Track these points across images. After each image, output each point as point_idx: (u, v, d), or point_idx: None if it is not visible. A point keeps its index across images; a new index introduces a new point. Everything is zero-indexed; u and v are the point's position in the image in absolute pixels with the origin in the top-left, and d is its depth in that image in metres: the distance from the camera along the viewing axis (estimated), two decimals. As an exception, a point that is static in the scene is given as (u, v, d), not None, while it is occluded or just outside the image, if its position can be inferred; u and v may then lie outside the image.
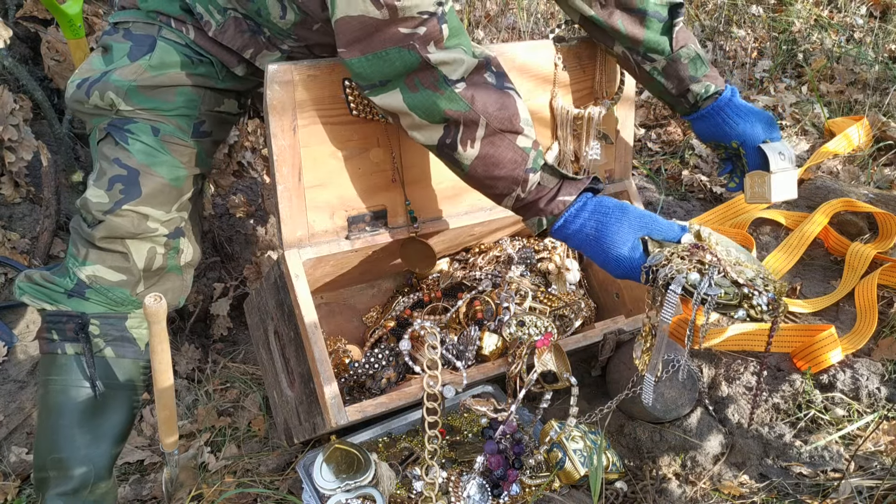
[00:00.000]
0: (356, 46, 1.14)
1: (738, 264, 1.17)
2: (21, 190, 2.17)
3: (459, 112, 1.17)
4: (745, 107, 1.51)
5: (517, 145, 1.21)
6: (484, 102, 1.18)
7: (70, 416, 1.40)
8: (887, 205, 2.03)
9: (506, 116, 1.20)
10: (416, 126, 1.20)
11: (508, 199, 1.25)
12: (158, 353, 1.29)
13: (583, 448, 1.46)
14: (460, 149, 1.20)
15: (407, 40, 1.13)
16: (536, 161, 1.23)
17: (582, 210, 1.23)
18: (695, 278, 1.14)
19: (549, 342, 1.43)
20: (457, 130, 1.19)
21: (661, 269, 1.16)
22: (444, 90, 1.16)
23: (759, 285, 1.15)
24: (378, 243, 1.45)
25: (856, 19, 3.35)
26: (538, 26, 3.30)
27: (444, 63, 1.15)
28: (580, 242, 1.24)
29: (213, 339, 2.15)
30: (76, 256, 1.41)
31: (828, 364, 1.63)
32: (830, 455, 1.46)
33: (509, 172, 1.21)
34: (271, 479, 1.61)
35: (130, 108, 1.36)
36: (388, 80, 1.17)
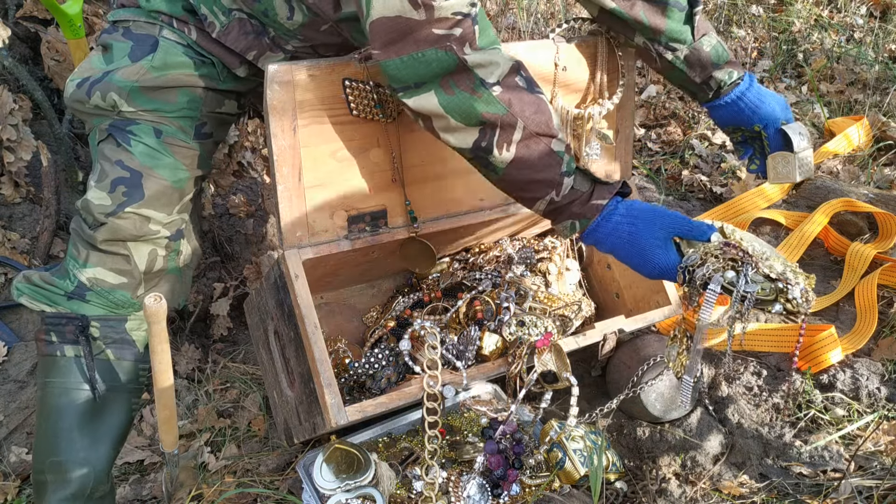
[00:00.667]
0: (392, 48, 1.13)
1: (766, 259, 1.19)
2: (21, 190, 2.17)
3: (497, 115, 1.17)
4: (764, 91, 1.54)
5: (552, 149, 1.21)
6: (521, 105, 1.18)
7: (69, 419, 1.40)
8: (887, 205, 2.03)
9: (543, 120, 1.20)
10: (450, 129, 1.19)
11: (541, 203, 1.24)
12: (158, 353, 1.29)
13: (583, 448, 1.46)
14: (496, 152, 1.19)
15: (443, 41, 1.12)
16: (570, 165, 1.23)
17: (614, 213, 1.23)
18: (732, 276, 1.16)
19: (549, 342, 1.43)
20: (493, 133, 1.18)
21: (698, 269, 1.17)
22: (481, 93, 1.15)
23: (791, 278, 1.17)
24: (378, 243, 1.45)
25: (856, 19, 3.35)
26: (538, 26, 3.29)
27: (481, 65, 1.15)
28: (613, 245, 1.24)
29: (213, 339, 2.15)
30: (76, 258, 1.40)
31: (828, 364, 1.63)
32: (830, 455, 1.46)
33: (544, 176, 1.21)
34: (271, 479, 1.61)
35: (133, 109, 1.35)
36: (423, 83, 1.15)
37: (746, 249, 1.18)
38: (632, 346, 1.63)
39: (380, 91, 1.34)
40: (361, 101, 1.34)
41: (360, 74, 1.32)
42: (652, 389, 1.54)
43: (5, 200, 2.15)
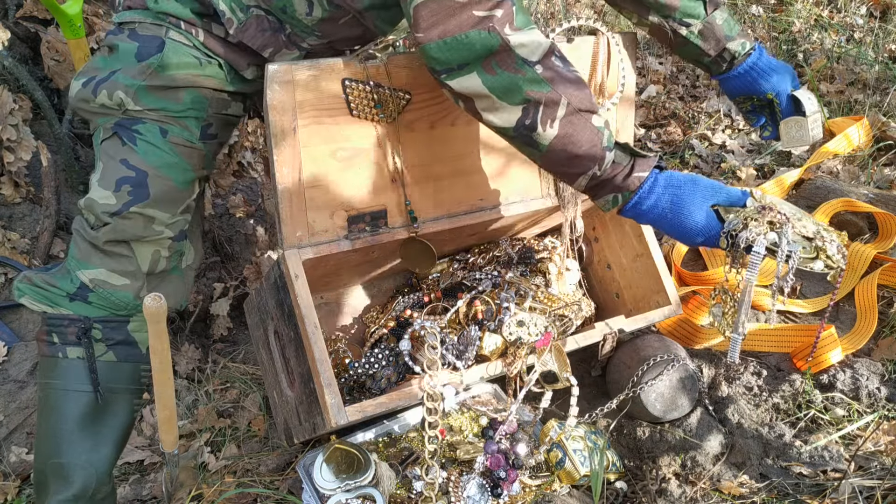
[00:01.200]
0: (434, 30, 1.14)
1: (799, 220, 1.24)
2: (21, 190, 2.17)
3: (541, 93, 1.18)
4: (773, 60, 1.59)
5: (593, 124, 1.22)
6: (563, 83, 1.20)
7: (71, 421, 1.39)
8: (887, 205, 2.03)
9: (584, 96, 1.22)
10: (493, 108, 1.20)
11: (584, 178, 1.26)
12: (158, 353, 1.29)
13: (583, 448, 1.46)
14: (540, 129, 1.20)
15: (486, 23, 1.13)
16: (610, 139, 1.25)
17: (655, 185, 1.25)
18: (774, 237, 1.21)
19: (549, 342, 1.43)
20: (536, 111, 1.19)
21: (741, 233, 1.22)
22: (525, 71, 1.17)
23: (826, 236, 1.22)
24: (378, 243, 1.45)
25: (856, 19, 3.35)
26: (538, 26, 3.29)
27: (523, 45, 1.16)
28: (656, 217, 1.26)
29: (213, 339, 2.15)
30: (78, 259, 1.40)
31: (828, 364, 1.63)
32: (830, 455, 1.46)
33: (587, 151, 1.22)
34: (271, 479, 1.61)
35: (139, 108, 1.35)
36: (465, 64, 1.16)
37: (783, 211, 1.23)
38: (632, 346, 1.63)
39: (380, 91, 1.34)
40: (361, 101, 1.34)
41: (360, 74, 1.32)
42: (652, 389, 1.54)
43: (5, 200, 2.15)
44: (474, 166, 1.52)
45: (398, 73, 1.35)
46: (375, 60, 1.32)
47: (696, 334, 1.78)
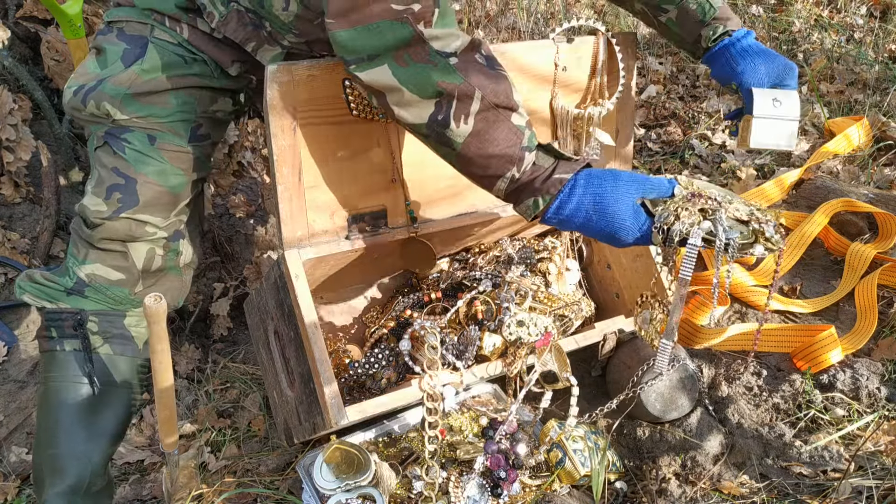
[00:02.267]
0: (346, 18, 1.10)
1: (731, 203, 1.16)
2: (21, 190, 2.17)
3: (454, 84, 1.12)
4: (753, 48, 1.49)
5: (512, 122, 1.16)
6: (478, 76, 1.14)
7: (68, 412, 1.41)
8: (887, 205, 2.03)
9: (502, 90, 1.15)
10: (404, 103, 1.14)
11: (502, 181, 1.19)
12: (158, 352, 1.29)
13: (583, 448, 1.46)
14: (453, 125, 1.14)
15: (400, 15, 1.09)
16: (532, 140, 1.18)
17: (575, 186, 1.17)
18: (709, 226, 1.13)
19: (549, 342, 1.43)
20: (449, 105, 1.13)
21: (673, 226, 1.13)
22: (437, 62, 1.11)
23: (761, 217, 1.14)
24: (378, 243, 1.45)
25: (856, 19, 3.35)
26: (538, 26, 3.29)
27: (437, 38, 1.11)
28: (581, 222, 1.18)
29: (213, 339, 2.15)
30: (76, 256, 1.42)
31: (828, 364, 1.63)
32: (830, 455, 1.46)
33: (504, 150, 1.16)
34: (271, 479, 1.61)
35: (126, 116, 1.36)
36: (376, 55, 1.11)
37: (714, 196, 1.14)
38: (632, 346, 1.63)
39: (380, 91, 1.34)
40: (361, 101, 1.34)
41: (360, 74, 1.32)
42: (652, 389, 1.54)
43: (5, 200, 2.15)
44: (474, 166, 1.52)
45: (398, 73, 1.35)
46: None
47: (696, 334, 1.78)
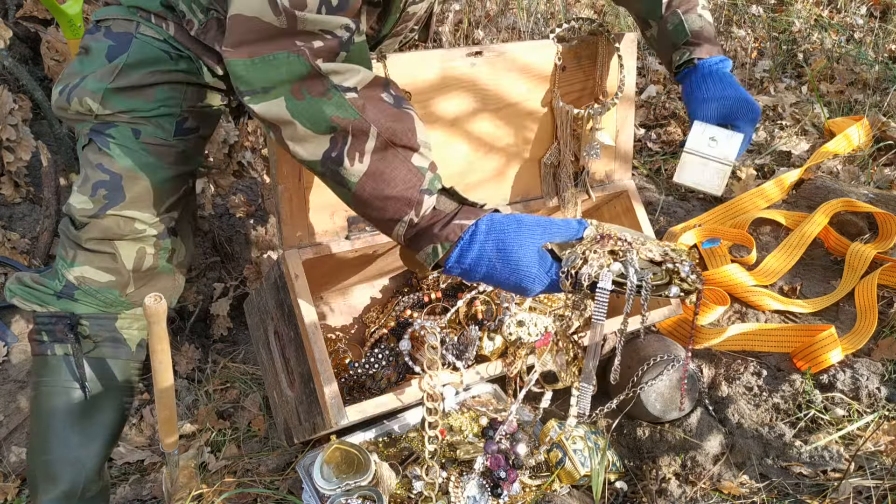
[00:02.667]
0: (244, 48, 1.05)
1: (643, 243, 1.10)
2: (21, 190, 2.17)
3: (348, 120, 1.06)
4: (713, 81, 1.41)
5: (412, 163, 1.10)
6: (376, 112, 1.08)
7: (60, 418, 1.39)
8: (887, 205, 2.03)
9: (401, 129, 1.09)
10: (298, 138, 1.09)
11: (400, 226, 1.11)
12: (158, 353, 1.29)
13: (583, 448, 1.46)
14: (347, 163, 1.08)
15: (297, 47, 1.04)
16: (433, 183, 1.11)
17: (476, 233, 1.08)
18: (619, 268, 1.06)
19: (549, 342, 1.43)
20: (344, 142, 1.07)
21: (582, 269, 1.06)
22: (332, 95, 1.06)
23: (675, 257, 1.08)
24: (378, 243, 1.45)
25: (856, 19, 3.35)
26: (538, 26, 3.29)
27: (336, 72, 1.07)
28: (485, 271, 1.09)
29: (213, 339, 2.15)
30: (65, 258, 1.40)
31: (828, 364, 1.63)
32: (830, 455, 1.46)
33: (402, 192, 1.08)
34: (271, 479, 1.61)
35: (109, 111, 1.34)
36: (271, 87, 1.06)
37: (624, 237, 1.09)
38: (632, 346, 1.64)
39: (380, 91, 1.34)
40: (361, 101, 1.34)
41: (360, 74, 1.32)
42: (652, 389, 1.54)
43: (5, 200, 2.15)
44: (474, 166, 1.52)
45: (398, 73, 1.35)
46: (375, 60, 1.32)
47: (696, 334, 1.78)
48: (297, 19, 1.03)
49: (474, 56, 1.42)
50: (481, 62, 1.43)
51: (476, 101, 1.46)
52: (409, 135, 1.10)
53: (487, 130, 1.51)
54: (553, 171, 1.61)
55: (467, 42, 3.17)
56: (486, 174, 1.55)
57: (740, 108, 1.38)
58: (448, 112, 1.44)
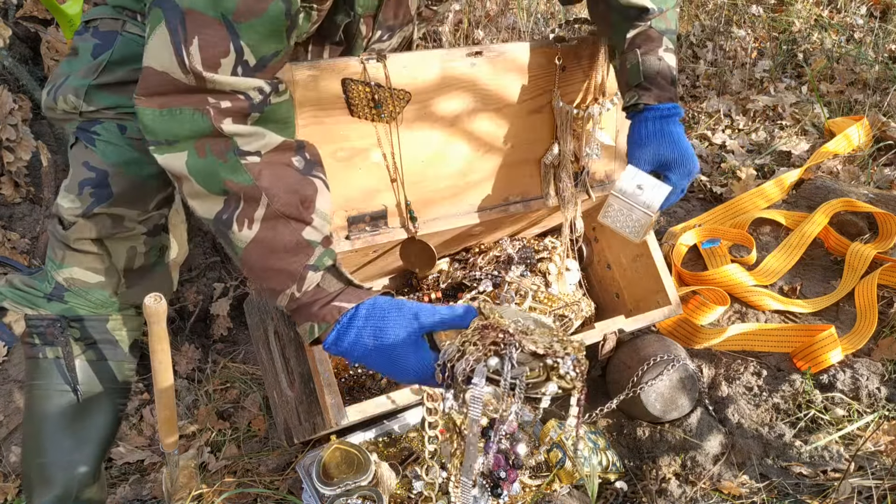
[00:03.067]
0: (155, 99, 1.05)
1: (529, 333, 1.06)
2: (21, 190, 2.17)
3: (240, 185, 1.06)
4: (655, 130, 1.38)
5: (302, 236, 1.09)
6: (273, 180, 1.07)
7: (53, 421, 1.38)
8: (887, 205, 2.03)
9: (294, 201, 1.08)
10: (195, 194, 1.08)
11: (283, 297, 1.10)
12: (158, 352, 1.29)
13: (583, 448, 1.46)
14: (235, 227, 1.07)
15: (204, 105, 1.04)
16: (322, 259, 1.10)
17: (354, 318, 1.08)
18: (496, 363, 1.02)
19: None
20: (236, 206, 1.07)
21: (458, 363, 1.02)
22: (228, 158, 1.06)
23: (559, 350, 1.04)
24: (378, 243, 1.45)
25: (856, 19, 3.35)
26: (538, 26, 3.29)
27: (239, 134, 1.06)
28: (360, 356, 1.08)
29: (213, 339, 2.15)
30: (54, 259, 1.38)
31: (828, 364, 1.63)
32: (830, 455, 1.46)
33: (287, 265, 1.08)
34: (271, 479, 1.61)
35: (93, 108, 1.32)
36: (175, 140, 1.06)
37: (507, 328, 1.03)
38: (632, 346, 1.64)
39: (380, 91, 1.34)
40: (361, 101, 1.34)
41: (360, 74, 1.32)
42: (652, 389, 1.54)
43: (5, 200, 2.15)
44: (474, 166, 1.52)
45: (398, 73, 1.35)
46: (375, 60, 1.32)
47: (696, 334, 1.78)
48: (205, 80, 1.03)
49: (474, 56, 1.42)
50: (481, 62, 1.43)
51: (476, 101, 1.46)
52: (305, 206, 1.09)
53: (487, 130, 1.51)
54: (553, 171, 1.61)
55: (467, 42, 3.17)
56: (486, 174, 1.55)
57: (676, 161, 1.36)
58: (448, 112, 1.44)
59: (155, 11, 1.03)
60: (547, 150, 1.60)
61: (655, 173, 1.38)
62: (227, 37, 1.02)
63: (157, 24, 1.02)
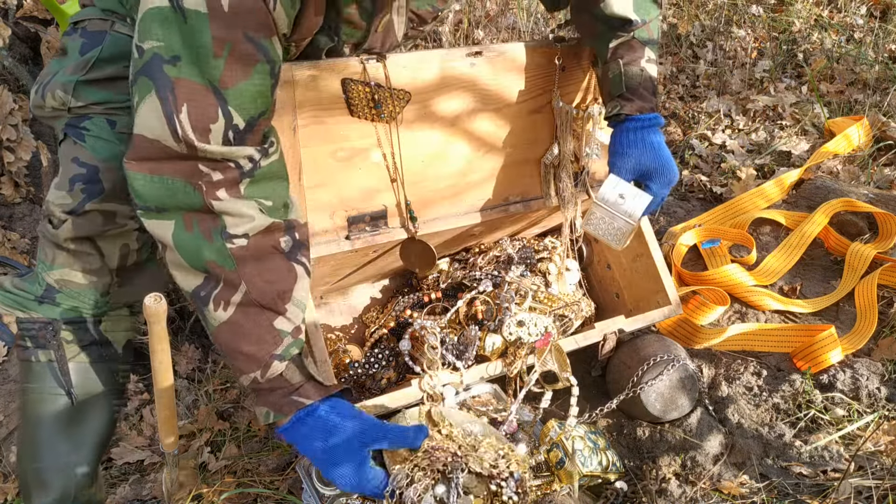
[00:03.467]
0: (146, 164, 1.06)
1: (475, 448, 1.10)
2: (21, 190, 2.17)
3: (222, 269, 1.08)
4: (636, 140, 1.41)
5: (273, 325, 1.12)
6: (255, 269, 1.10)
7: (48, 425, 1.37)
8: (887, 205, 2.03)
9: (271, 291, 1.11)
10: (176, 265, 1.11)
11: (246, 378, 1.14)
12: (158, 353, 1.29)
13: (583, 448, 1.46)
14: (211, 307, 1.10)
15: (196, 178, 1.05)
16: (289, 349, 1.14)
17: (310, 416, 1.12)
18: (442, 492, 1.06)
19: (549, 342, 1.43)
20: (215, 286, 1.10)
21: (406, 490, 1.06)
22: (214, 240, 1.08)
23: (503, 467, 1.08)
24: (378, 243, 1.45)
25: (856, 19, 3.35)
26: (538, 26, 3.29)
27: (228, 213, 1.08)
28: (308, 453, 1.13)
29: (213, 339, 2.15)
30: (44, 261, 1.36)
31: (828, 364, 1.63)
32: (830, 455, 1.46)
33: (254, 351, 1.11)
34: (271, 479, 1.61)
35: (82, 103, 1.30)
36: (164, 209, 1.07)
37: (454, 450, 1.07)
38: (632, 346, 1.64)
39: (380, 91, 1.34)
40: (361, 101, 1.34)
41: (359, 74, 1.32)
42: (652, 389, 1.54)
43: (5, 200, 2.15)
44: (474, 166, 1.52)
45: (398, 73, 1.35)
46: (375, 60, 1.32)
47: (696, 334, 1.78)
48: (196, 149, 1.04)
49: (474, 56, 1.42)
50: (481, 62, 1.43)
51: (476, 101, 1.46)
52: (280, 297, 1.12)
53: (487, 130, 1.51)
54: (553, 171, 1.61)
55: (467, 42, 3.17)
56: (486, 174, 1.55)
57: (656, 170, 1.39)
58: (448, 112, 1.44)
59: (143, 80, 1.03)
60: (547, 150, 1.60)
61: (636, 182, 1.41)
62: (216, 103, 1.03)
63: (147, 93, 1.03)
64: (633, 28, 1.39)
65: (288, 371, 1.15)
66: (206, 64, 1.01)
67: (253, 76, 1.05)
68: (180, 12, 0.99)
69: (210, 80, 1.02)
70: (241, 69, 1.03)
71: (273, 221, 1.13)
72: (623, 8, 1.38)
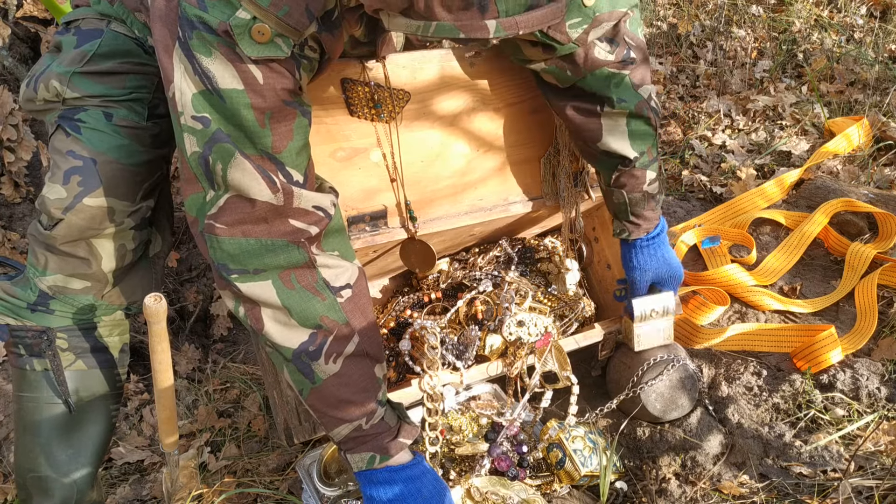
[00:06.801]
0: (240, 227, 1.06)
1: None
2: (21, 190, 2.17)
3: (335, 323, 1.10)
4: (646, 257, 1.52)
5: (374, 373, 1.15)
6: (361, 320, 1.13)
7: (46, 434, 1.36)
8: (887, 205, 2.03)
9: (376, 341, 1.15)
10: (281, 322, 1.10)
11: (345, 427, 1.15)
12: (158, 353, 1.29)
13: (583, 448, 1.46)
14: (322, 360, 1.10)
15: (298, 236, 1.07)
16: (384, 395, 1.18)
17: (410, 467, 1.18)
18: None
19: (549, 342, 1.43)
20: (325, 340, 1.10)
21: None
22: (325, 296, 1.10)
23: None
24: (378, 243, 1.45)
25: (856, 19, 3.35)
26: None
27: (327, 267, 1.10)
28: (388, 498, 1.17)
29: (213, 339, 2.15)
30: (36, 266, 1.33)
31: (828, 364, 1.63)
32: (830, 455, 1.46)
33: (361, 399, 1.14)
34: (271, 479, 1.61)
35: (77, 94, 1.28)
36: (263, 270, 1.07)
37: None
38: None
39: (379, 91, 1.34)
40: (361, 101, 1.34)
41: (359, 74, 1.32)
42: (652, 389, 1.54)
43: (5, 200, 2.15)
44: (474, 166, 1.52)
45: (397, 72, 1.35)
46: (375, 60, 1.32)
47: (696, 334, 1.78)
48: (293, 196, 1.05)
49: (474, 56, 1.42)
50: (481, 62, 1.43)
51: (476, 101, 1.46)
52: (379, 345, 1.16)
53: (487, 130, 1.51)
54: (553, 171, 1.61)
55: (467, 42, 3.17)
56: (486, 174, 1.55)
57: (666, 276, 1.54)
58: (448, 112, 1.44)
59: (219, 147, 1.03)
60: (547, 150, 1.60)
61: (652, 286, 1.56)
62: (275, 167, 1.05)
63: (231, 157, 1.03)
64: (632, 164, 1.42)
65: (386, 415, 1.18)
66: (255, 136, 1.03)
67: (295, 132, 1.07)
68: (216, 94, 1.00)
69: (263, 149, 1.04)
70: (285, 130, 1.05)
71: (360, 267, 1.16)
72: (620, 146, 1.40)
